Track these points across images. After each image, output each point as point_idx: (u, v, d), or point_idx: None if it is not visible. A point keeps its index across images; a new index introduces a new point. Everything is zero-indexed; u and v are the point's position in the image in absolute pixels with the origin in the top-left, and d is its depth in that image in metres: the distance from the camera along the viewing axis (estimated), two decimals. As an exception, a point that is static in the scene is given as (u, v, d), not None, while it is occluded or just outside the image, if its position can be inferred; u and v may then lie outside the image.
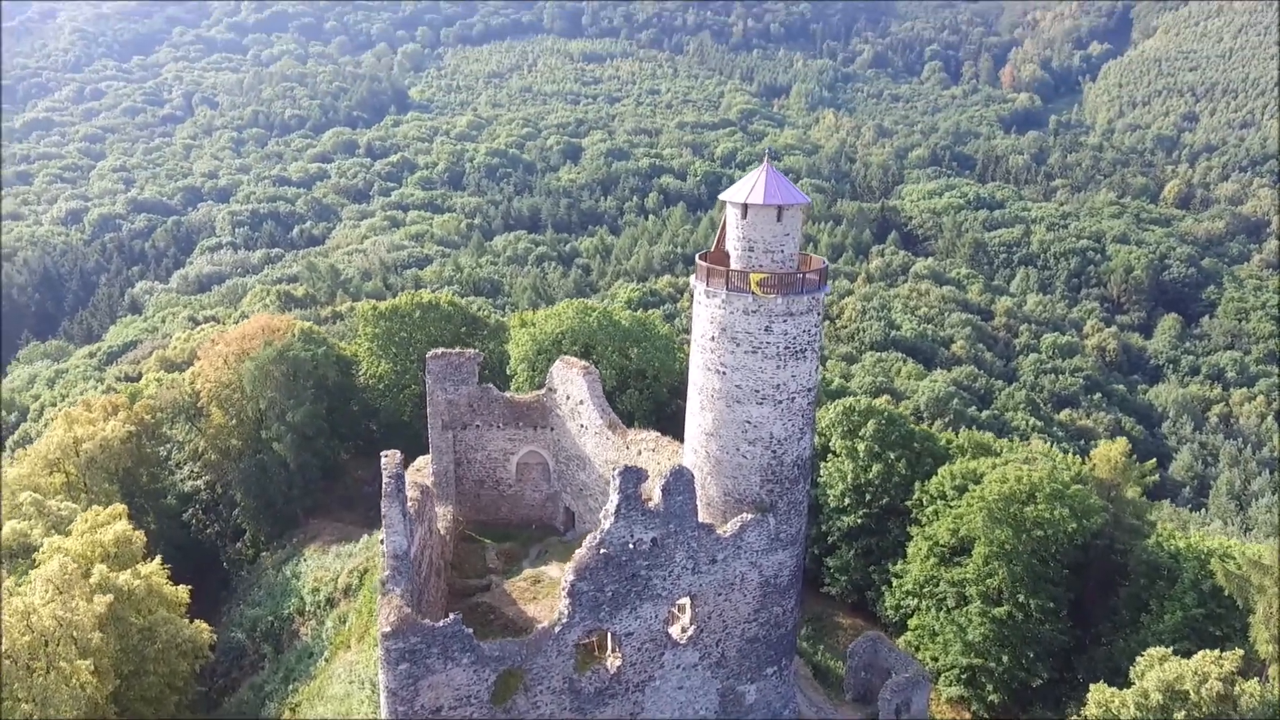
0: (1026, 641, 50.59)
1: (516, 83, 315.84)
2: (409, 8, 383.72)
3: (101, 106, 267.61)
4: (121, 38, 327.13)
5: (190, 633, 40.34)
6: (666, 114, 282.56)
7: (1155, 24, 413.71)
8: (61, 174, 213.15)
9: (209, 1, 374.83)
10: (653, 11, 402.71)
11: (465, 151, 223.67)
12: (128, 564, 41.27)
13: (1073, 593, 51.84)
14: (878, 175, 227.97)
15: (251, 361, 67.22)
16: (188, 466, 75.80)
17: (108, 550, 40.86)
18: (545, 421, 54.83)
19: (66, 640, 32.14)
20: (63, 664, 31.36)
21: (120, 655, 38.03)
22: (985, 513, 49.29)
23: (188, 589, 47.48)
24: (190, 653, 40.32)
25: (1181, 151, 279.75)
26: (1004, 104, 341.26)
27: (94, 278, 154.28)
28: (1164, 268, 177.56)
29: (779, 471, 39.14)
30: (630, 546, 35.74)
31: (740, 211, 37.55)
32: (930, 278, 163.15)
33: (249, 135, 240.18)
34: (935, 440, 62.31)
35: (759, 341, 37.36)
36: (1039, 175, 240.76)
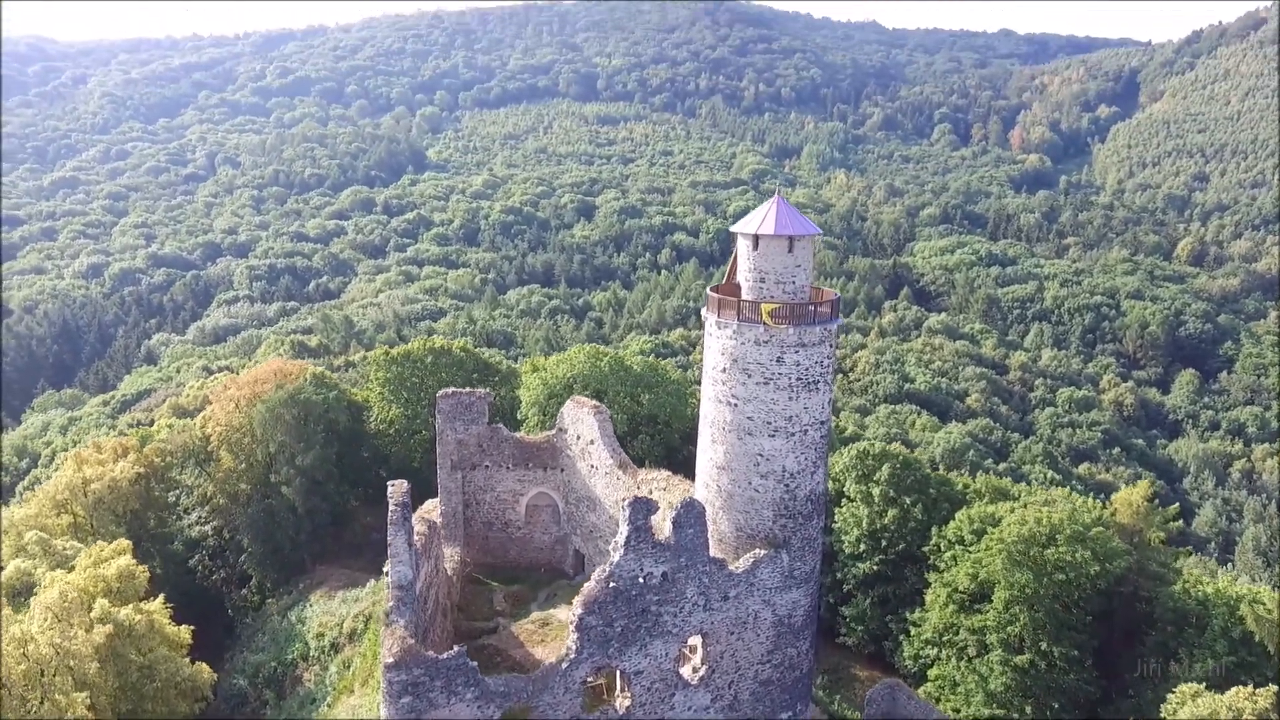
0: (1050, 691, 48.85)
1: (532, 144, 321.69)
2: (428, 72, 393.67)
3: (126, 166, 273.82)
4: (148, 101, 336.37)
5: (190, 673, 39.42)
6: (679, 174, 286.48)
7: (1162, 88, 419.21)
8: (85, 230, 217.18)
9: (236, 67, 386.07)
10: (666, 76, 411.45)
11: (480, 209, 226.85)
12: (130, 599, 40.57)
13: (1097, 641, 50.22)
14: (889, 233, 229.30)
15: (263, 404, 67.08)
16: (196, 512, 75.17)
17: (110, 585, 40.22)
18: (555, 462, 54.32)
19: (64, 670, 31.36)
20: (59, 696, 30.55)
21: (118, 692, 37.13)
22: (1005, 555, 48.03)
23: (189, 629, 46.62)
24: (190, 693, 39.33)
25: (1193, 210, 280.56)
26: (1014, 165, 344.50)
27: (112, 330, 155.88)
28: (1180, 323, 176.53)
29: (792, 506, 38.38)
30: (640, 580, 34.92)
31: (751, 243, 37.52)
32: (943, 332, 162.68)
33: (269, 193, 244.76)
34: (951, 485, 61.16)
35: (771, 373, 36.97)
36: (1050, 233, 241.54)
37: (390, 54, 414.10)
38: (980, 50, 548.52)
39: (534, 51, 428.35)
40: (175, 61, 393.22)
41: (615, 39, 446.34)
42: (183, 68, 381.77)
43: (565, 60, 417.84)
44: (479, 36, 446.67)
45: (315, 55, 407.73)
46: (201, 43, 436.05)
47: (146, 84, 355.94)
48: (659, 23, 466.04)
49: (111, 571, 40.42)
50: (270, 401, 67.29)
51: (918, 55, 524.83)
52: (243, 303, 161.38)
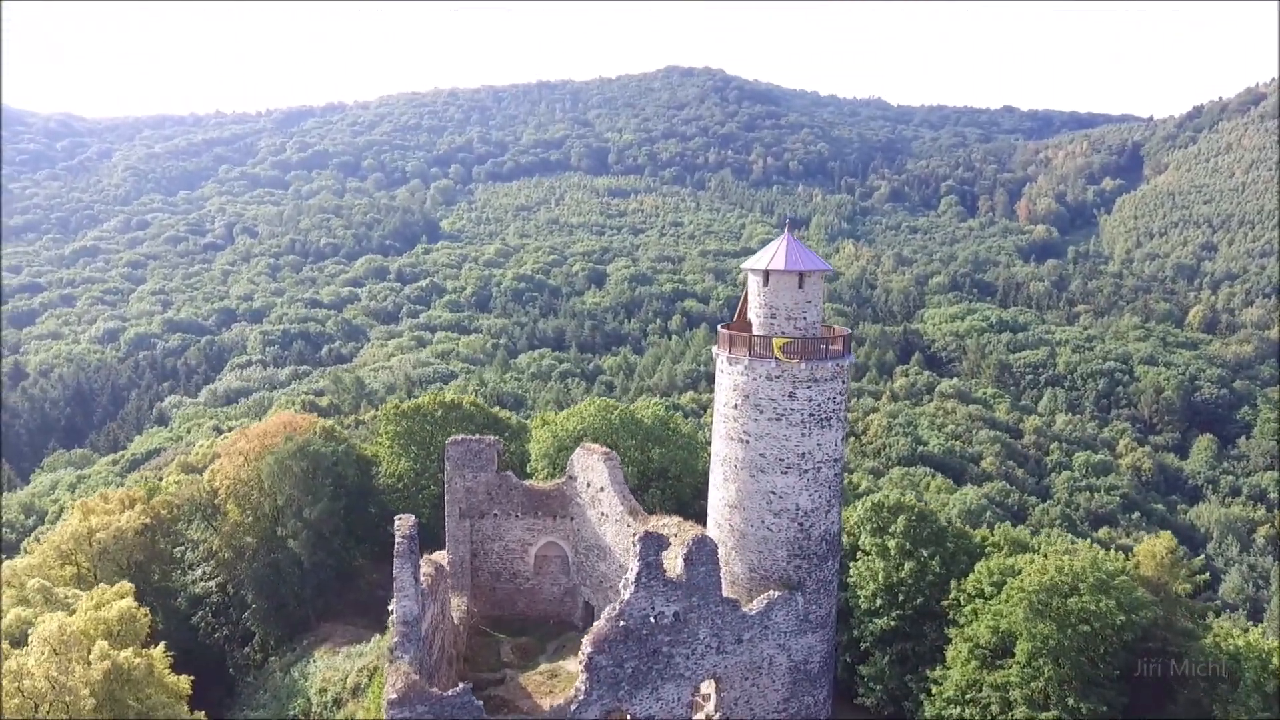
0: (1080, 751, 46.90)
1: (544, 215, 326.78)
2: (443, 147, 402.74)
3: (146, 236, 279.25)
4: (170, 174, 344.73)
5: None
6: (689, 243, 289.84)
7: (1166, 161, 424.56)
8: (103, 296, 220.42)
9: (256, 141, 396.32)
10: (676, 151, 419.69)
11: (493, 276, 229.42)
12: (130, 643, 39.67)
13: (1126, 698, 48.38)
14: (899, 300, 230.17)
15: (271, 456, 66.77)
16: (200, 568, 74.24)
17: (111, 627, 39.37)
18: (565, 511, 53.55)
19: (59, 705, 30.41)
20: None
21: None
22: (1026, 605, 46.64)
23: (189, 679, 45.46)
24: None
25: (1202, 279, 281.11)
26: (1021, 235, 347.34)
27: (125, 393, 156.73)
28: (1195, 389, 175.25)
29: (806, 546, 37.56)
30: (651, 620, 33.98)
31: (762, 279, 37.56)
32: (956, 396, 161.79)
33: (285, 261, 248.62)
34: (969, 538, 59.88)
35: (783, 408, 36.61)
36: (1060, 301, 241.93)
37: (406, 129, 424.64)
38: (984, 126, 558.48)
39: (546, 127, 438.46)
40: (198, 137, 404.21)
41: (626, 115, 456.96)
42: (205, 143, 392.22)
43: (577, 135, 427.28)
44: (493, 113, 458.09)
45: (334, 130, 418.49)
46: (224, 119, 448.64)
47: (169, 158, 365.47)
48: (668, 100, 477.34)
49: (112, 614, 39.65)
50: (279, 453, 66.97)
51: (923, 130, 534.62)
52: (255, 366, 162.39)
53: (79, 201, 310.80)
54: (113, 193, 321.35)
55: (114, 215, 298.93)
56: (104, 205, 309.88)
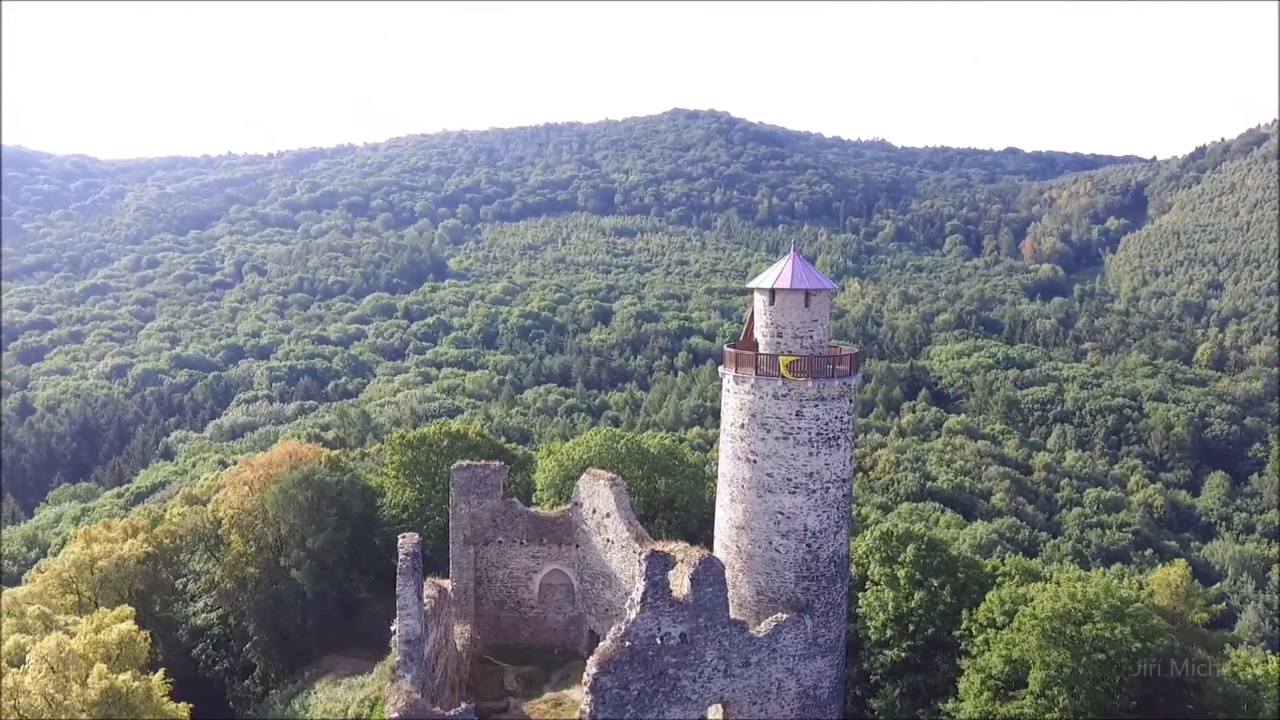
0: (1097, 783, 45.70)
1: (550, 254, 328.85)
2: (451, 187, 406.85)
3: (156, 274, 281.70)
4: (181, 214, 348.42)
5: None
6: (695, 281, 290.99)
7: (1170, 200, 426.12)
8: (111, 333, 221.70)
9: (267, 182, 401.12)
10: (682, 191, 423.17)
11: (499, 313, 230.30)
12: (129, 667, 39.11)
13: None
14: (905, 337, 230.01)
15: (276, 484, 66.49)
16: (202, 599, 73.56)
17: (110, 650, 38.83)
18: (570, 538, 53.03)
19: None
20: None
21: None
22: (1039, 633, 45.79)
23: (188, 706, 44.77)
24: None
25: (1209, 317, 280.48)
26: (1026, 274, 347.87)
27: (131, 428, 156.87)
28: (1205, 425, 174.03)
29: (815, 568, 37.04)
30: (658, 640, 33.41)
31: (768, 298, 37.52)
32: (964, 432, 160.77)
33: (293, 299, 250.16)
34: (980, 567, 59.05)
35: (790, 427, 36.35)
36: (1067, 338, 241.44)
37: (415, 170, 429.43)
38: (988, 167, 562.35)
39: (554, 168, 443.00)
40: (210, 177, 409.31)
41: (632, 156, 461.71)
42: (216, 183, 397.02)
43: (584, 176, 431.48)
44: (501, 154, 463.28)
45: (343, 171, 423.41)
46: (236, 160, 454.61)
47: (180, 198, 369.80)
48: (674, 141, 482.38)
49: (112, 637, 39.15)
50: (283, 482, 66.67)
51: (927, 171, 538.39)
52: (261, 402, 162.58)
53: (90, 240, 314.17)
54: (124, 232, 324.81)
55: (125, 254, 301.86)
56: (115, 244, 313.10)
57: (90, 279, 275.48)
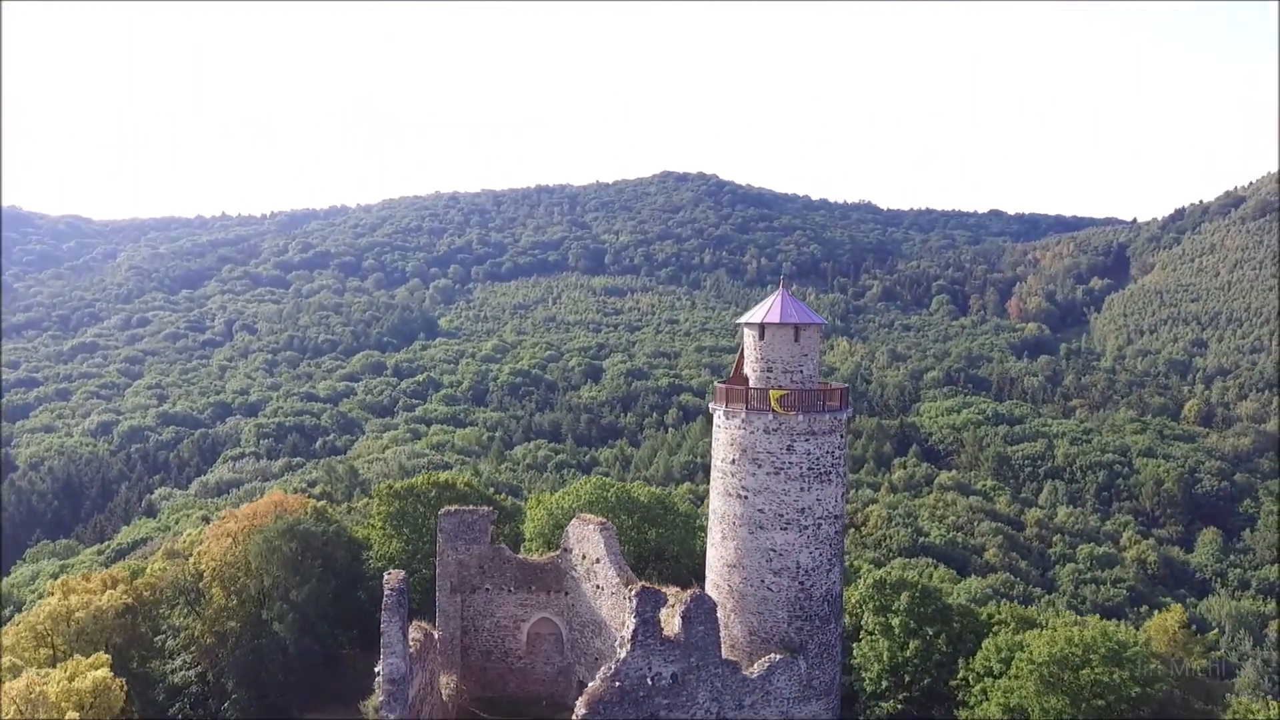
0: (1100, 836, 44.50)
1: (541, 313, 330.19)
2: (443, 248, 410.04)
3: (146, 332, 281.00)
4: (173, 273, 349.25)
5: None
6: (685, 340, 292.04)
7: (1152, 261, 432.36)
8: (98, 391, 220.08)
9: (260, 243, 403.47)
10: (671, 252, 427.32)
11: (490, 371, 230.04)
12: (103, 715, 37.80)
13: (1145, 779, 46.22)
14: (894, 394, 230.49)
15: (259, 534, 65.42)
16: (181, 656, 71.71)
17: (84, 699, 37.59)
18: (559, 585, 52.15)
19: None
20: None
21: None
22: (1036, 678, 45.01)
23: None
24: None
25: (1195, 374, 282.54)
26: (1013, 332, 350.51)
27: (115, 486, 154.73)
28: (1195, 481, 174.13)
29: (808, 606, 36.44)
30: (648, 681, 32.64)
31: (758, 333, 37.63)
32: (955, 489, 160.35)
33: (282, 357, 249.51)
34: (975, 615, 58.27)
35: (781, 462, 36.13)
36: (1055, 395, 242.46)
37: (407, 231, 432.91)
38: (972, 228, 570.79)
39: (545, 229, 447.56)
40: (203, 238, 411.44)
41: (622, 218, 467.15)
42: (209, 243, 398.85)
43: (574, 237, 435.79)
44: (493, 215, 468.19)
45: (336, 232, 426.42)
46: (229, 221, 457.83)
47: (173, 258, 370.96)
48: (664, 203, 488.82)
49: (86, 684, 37.91)
50: (268, 532, 65.59)
51: (913, 233, 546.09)
52: (248, 459, 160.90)
53: (81, 299, 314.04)
54: (115, 291, 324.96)
55: (115, 313, 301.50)
56: (105, 303, 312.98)
57: (79, 337, 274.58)
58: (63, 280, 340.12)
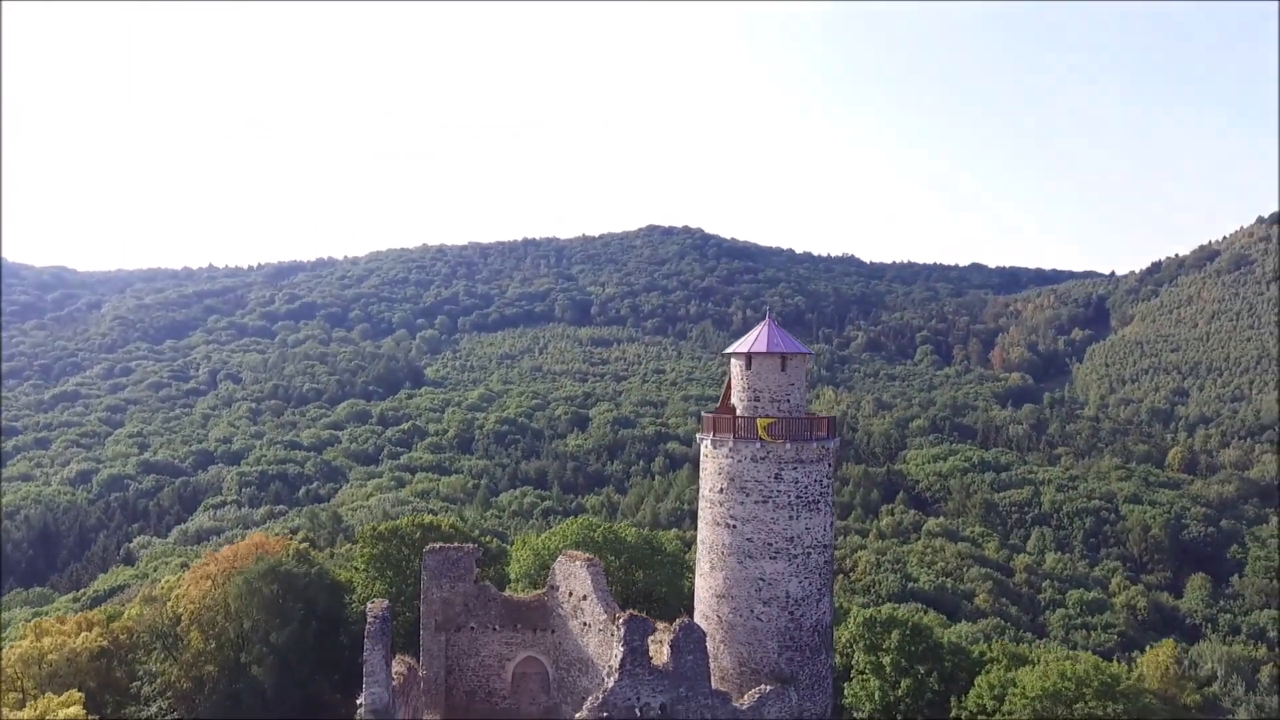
0: None
1: (528, 363, 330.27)
2: (430, 299, 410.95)
3: (129, 382, 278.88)
4: (158, 324, 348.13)
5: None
6: (671, 389, 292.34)
7: (1131, 312, 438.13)
8: (79, 439, 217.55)
9: (247, 294, 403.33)
10: (657, 303, 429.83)
11: (475, 420, 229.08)
12: (74, 754, 36.69)
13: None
14: (880, 442, 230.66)
15: (240, 576, 64.47)
16: (156, 703, 69.98)
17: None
18: (546, 623, 51.41)
19: None
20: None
21: None
22: (1030, 713, 44.53)
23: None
24: None
25: (1178, 423, 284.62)
26: (997, 382, 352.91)
27: (93, 534, 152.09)
28: (1182, 527, 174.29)
29: (798, 637, 36.07)
30: (636, 711, 32.09)
31: (744, 362, 37.85)
32: (943, 535, 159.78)
33: (266, 406, 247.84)
34: (968, 653, 57.88)
35: (769, 490, 36.07)
36: (1040, 443, 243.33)
37: (394, 283, 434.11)
38: (954, 281, 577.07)
39: (531, 280, 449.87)
40: (189, 289, 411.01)
41: (609, 270, 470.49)
42: (195, 294, 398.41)
43: (561, 289, 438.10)
44: (479, 268, 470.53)
45: (322, 284, 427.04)
46: (216, 273, 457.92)
47: (158, 308, 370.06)
48: (650, 256, 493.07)
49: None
50: (248, 573, 64.67)
51: (895, 285, 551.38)
52: (230, 506, 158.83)
53: (63, 349, 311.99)
54: (98, 341, 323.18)
55: (98, 362, 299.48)
56: (89, 353, 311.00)
57: (60, 386, 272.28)
58: (46, 330, 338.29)
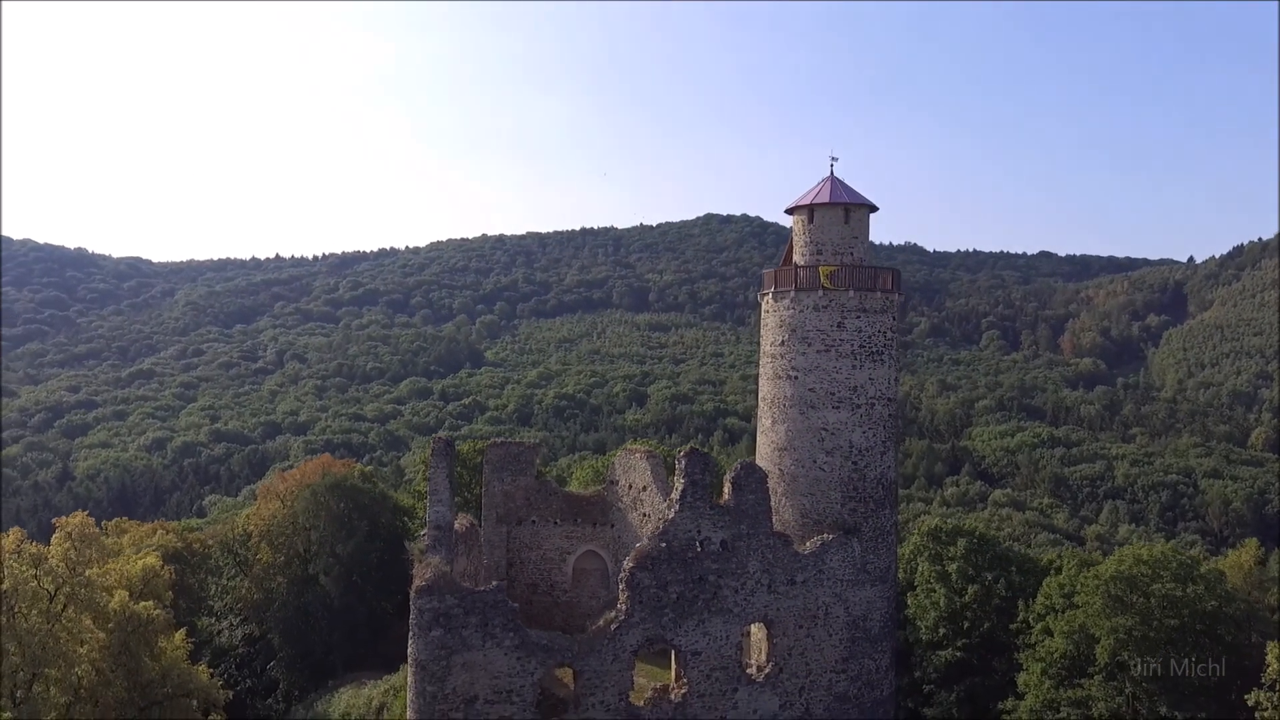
0: (1177, 769, 41.90)
1: (586, 346, 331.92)
2: (489, 286, 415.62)
3: (200, 362, 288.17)
4: (227, 310, 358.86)
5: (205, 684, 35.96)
6: (730, 370, 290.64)
7: (1210, 297, 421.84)
8: (154, 412, 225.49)
9: (312, 282, 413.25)
10: (715, 290, 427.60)
11: (535, 395, 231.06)
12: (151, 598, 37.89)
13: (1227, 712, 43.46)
14: (945, 420, 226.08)
15: (308, 489, 65.96)
16: (228, 619, 72.13)
17: (133, 585, 37.67)
18: (605, 518, 51.53)
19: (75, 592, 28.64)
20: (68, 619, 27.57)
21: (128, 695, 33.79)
22: (1103, 595, 42.89)
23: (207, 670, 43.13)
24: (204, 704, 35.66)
25: (1261, 406, 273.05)
26: (1067, 367, 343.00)
27: (167, 495, 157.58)
28: (1265, 502, 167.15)
29: (861, 488, 35.38)
30: (697, 545, 31.79)
31: (807, 216, 37.26)
32: (1010, 505, 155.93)
33: (331, 383, 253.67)
34: (1036, 561, 56.18)
35: (831, 339, 35.45)
36: (1114, 423, 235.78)
37: (454, 270, 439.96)
38: (1022, 269, 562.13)
39: (589, 269, 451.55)
40: (257, 278, 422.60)
41: (666, 258, 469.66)
42: (263, 283, 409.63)
43: (619, 276, 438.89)
44: (538, 256, 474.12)
45: (385, 272, 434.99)
46: (283, 263, 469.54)
47: (228, 296, 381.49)
48: (708, 244, 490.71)
49: (135, 568, 38.06)
50: (315, 486, 66.14)
51: (960, 274, 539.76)
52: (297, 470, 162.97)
53: (139, 333, 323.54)
54: (172, 325, 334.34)
55: (172, 344, 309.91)
56: (163, 336, 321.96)
57: (137, 365, 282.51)
58: (123, 316, 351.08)
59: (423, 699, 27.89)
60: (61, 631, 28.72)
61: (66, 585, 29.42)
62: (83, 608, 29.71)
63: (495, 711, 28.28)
